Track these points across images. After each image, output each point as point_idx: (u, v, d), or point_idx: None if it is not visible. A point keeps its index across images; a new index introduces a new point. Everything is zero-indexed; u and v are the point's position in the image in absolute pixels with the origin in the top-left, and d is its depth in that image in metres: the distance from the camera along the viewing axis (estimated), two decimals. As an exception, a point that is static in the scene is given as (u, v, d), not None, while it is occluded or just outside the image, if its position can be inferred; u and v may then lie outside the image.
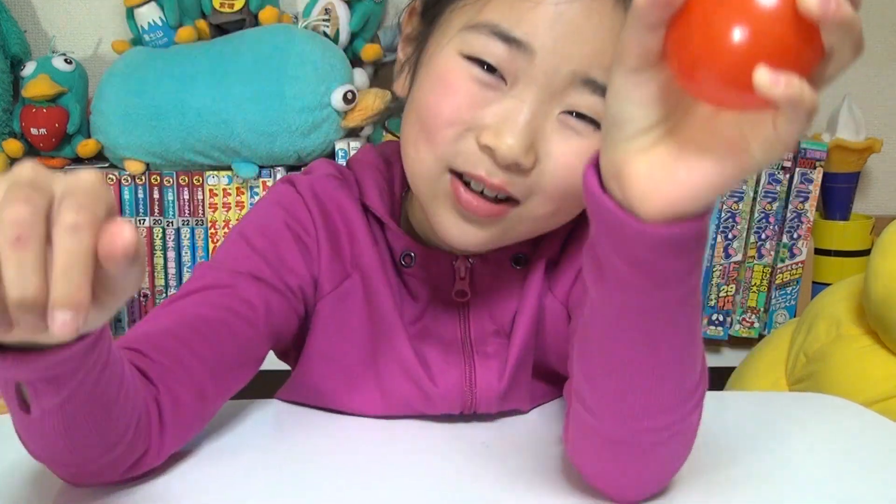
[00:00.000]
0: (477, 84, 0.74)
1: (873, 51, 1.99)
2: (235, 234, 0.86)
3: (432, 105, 0.76)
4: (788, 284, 1.74)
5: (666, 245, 0.56)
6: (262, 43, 1.68)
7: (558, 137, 0.73)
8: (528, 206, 0.76)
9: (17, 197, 0.48)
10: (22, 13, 1.85)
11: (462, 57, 0.74)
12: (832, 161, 1.78)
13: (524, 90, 0.73)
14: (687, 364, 0.64)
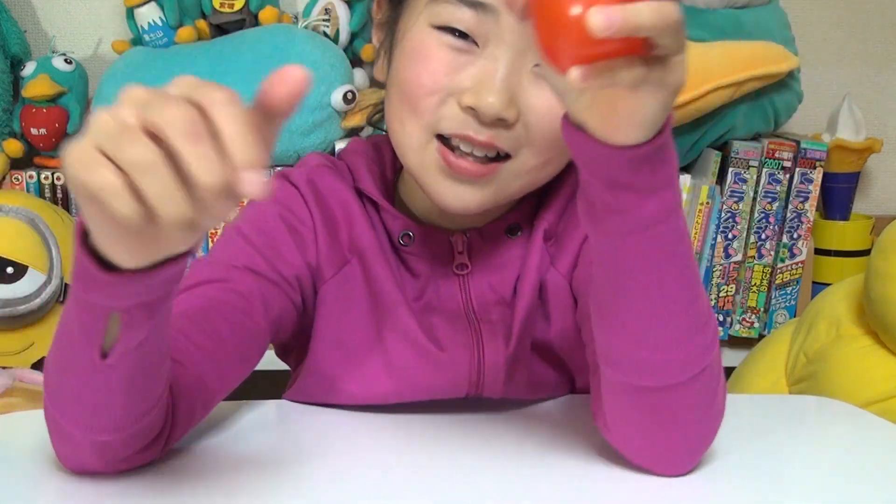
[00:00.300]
0: (451, 51, 0.77)
1: (873, 51, 1.99)
2: (231, 231, 0.87)
3: (412, 77, 0.78)
4: (788, 284, 1.74)
5: (638, 161, 0.61)
6: (262, 43, 1.68)
7: (535, 89, 0.76)
8: (519, 160, 0.78)
9: (168, 100, 0.53)
10: (22, 13, 1.85)
11: (433, 28, 0.78)
12: (832, 161, 1.78)
13: (496, 49, 0.76)
14: (693, 296, 0.67)
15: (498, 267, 0.87)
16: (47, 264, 1.46)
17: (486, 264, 0.87)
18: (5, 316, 1.42)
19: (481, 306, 0.86)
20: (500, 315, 0.86)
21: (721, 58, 1.58)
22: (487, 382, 0.86)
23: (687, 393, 0.69)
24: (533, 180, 0.81)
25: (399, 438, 0.83)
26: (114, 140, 0.56)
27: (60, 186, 1.69)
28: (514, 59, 0.76)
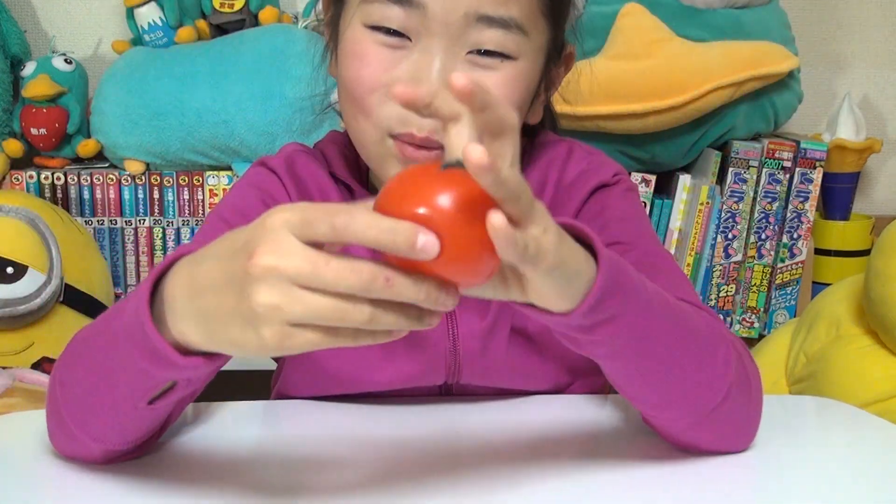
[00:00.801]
0: (385, 48, 0.79)
1: (873, 51, 1.99)
2: (213, 216, 0.89)
3: (353, 77, 0.81)
4: (788, 284, 1.74)
5: (575, 321, 0.64)
6: (262, 43, 1.68)
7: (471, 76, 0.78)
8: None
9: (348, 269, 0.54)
10: (22, 13, 1.85)
11: (366, 27, 0.80)
12: (832, 161, 1.78)
13: (428, 42, 0.78)
14: (684, 349, 0.71)
15: None
16: (47, 264, 1.46)
17: None
18: (5, 316, 1.42)
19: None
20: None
21: (721, 58, 1.58)
22: (464, 358, 0.86)
23: (722, 408, 0.73)
24: None
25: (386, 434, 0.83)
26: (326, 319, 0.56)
27: (60, 186, 1.69)
28: (446, 50, 0.78)
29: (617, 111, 1.56)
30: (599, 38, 1.59)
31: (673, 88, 1.55)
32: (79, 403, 0.71)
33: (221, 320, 0.57)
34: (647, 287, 0.69)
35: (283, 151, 0.93)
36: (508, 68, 0.80)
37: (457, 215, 0.53)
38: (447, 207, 0.53)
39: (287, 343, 0.55)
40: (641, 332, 0.68)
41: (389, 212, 0.54)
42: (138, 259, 1.72)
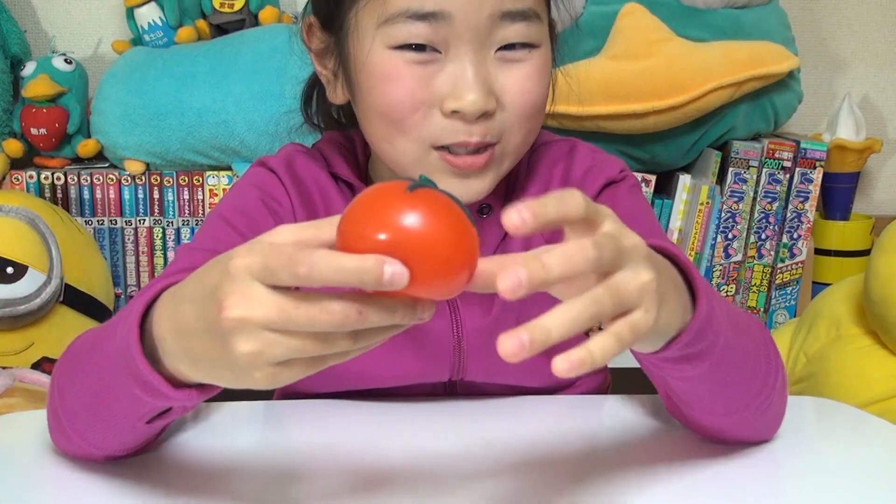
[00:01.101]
0: (417, 65, 0.79)
1: (873, 51, 1.99)
2: (214, 216, 0.89)
3: (389, 101, 0.80)
4: (788, 284, 1.74)
5: (663, 359, 0.66)
6: (262, 43, 1.68)
7: (504, 73, 0.80)
8: (506, 141, 0.82)
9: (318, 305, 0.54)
10: (22, 13, 1.85)
11: (392, 49, 0.79)
12: (832, 161, 1.78)
13: (458, 50, 0.79)
14: (754, 356, 0.74)
15: None
16: (47, 264, 1.46)
17: None
18: (5, 316, 1.42)
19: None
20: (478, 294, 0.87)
21: (721, 58, 1.58)
22: (468, 354, 0.86)
23: (770, 407, 0.76)
24: (519, 155, 0.85)
25: (391, 433, 0.83)
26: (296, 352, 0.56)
27: (60, 186, 1.69)
28: (476, 53, 0.79)
29: (617, 111, 1.56)
30: (599, 38, 1.59)
31: (673, 88, 1.55)
32: (77, 416, 0.72)
33: (211, 364, 0.58)
34: (727, 313, 0.70)
35: (283, 151, 0.93)
36: (536, 57, 0.81)
37: (423, 238, 0.52)
38: (413, 230, 0.52)
39: (279, 379, 0.56)
40: (721, 361, 0.69)
41: (353, 238, 0.53)
42: (138, 259, 1.72)
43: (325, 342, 0.55)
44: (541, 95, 0.82)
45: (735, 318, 0.72)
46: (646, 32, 1.57)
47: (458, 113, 0.78)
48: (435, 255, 0.52)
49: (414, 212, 0.52)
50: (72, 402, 0.72)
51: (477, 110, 0.78)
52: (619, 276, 0.56)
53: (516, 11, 0.79)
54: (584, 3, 1.62)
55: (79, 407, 0.71)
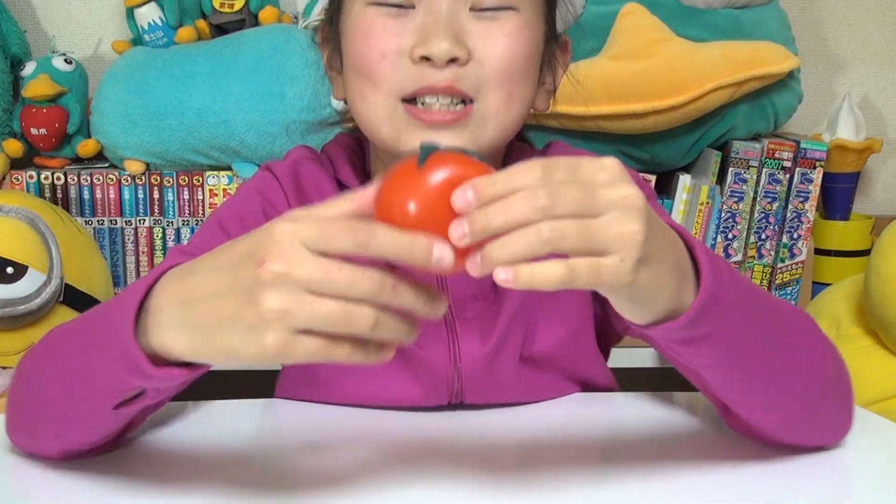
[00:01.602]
0: (389, 18, 0.80)
1: (873, 51, 1.99)
2: (213, 220, 0.88)
3: (361, 52, 0.81)
4: (788, 284, 1.74)
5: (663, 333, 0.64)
6: (262, 43, 1.68)
7: (478, 29, 0.80)
8: (483, 101, 0.80)
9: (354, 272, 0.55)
10: (22, 13, 1.85)
11: (368, 4, 0.81)
12: (832, 161, 1.78)
13: (430, 3, 0.79)
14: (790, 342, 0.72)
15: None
16: (47, 264, 1.46)
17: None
18: (5, 316, 1.42)
19: (457, 300, 0.86)
20: (477, 311, 0.86)
21: (721, 58, 1.58)
22: (466, 381, 0.86)
23: (824, 404, 0.75)
24: (504, 123, 0.82)
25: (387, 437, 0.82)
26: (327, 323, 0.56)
27: (60, 186, 1.69)
28: (449, 6, 0.79)
29: (617, 111, 1.56)
30: (599, 38, 1.59)
31: (673, 88, 1.55)
32: (43, 397, 0.71)
33: (217, 328, 0.57)
34: (747, 292, 0.68)
35: (290, 157, 0.92)
36: (512, 18, 0.81)
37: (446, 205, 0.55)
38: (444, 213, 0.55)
39: (287, 350, 0.55)
40: (741, 342, 0.68)
41: (389, 213, 0.55)
42: (138, 259, 1.72)
43: (352, 315, 0.55)
44: (520, 54, 0.81)
45: (772, 309, 0.71)
46: (646, 32, 1.57)
47: (426, 59, 0.78)
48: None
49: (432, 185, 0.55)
50: (41, 382, 0.71)
51: (446, 54, 0.77)
52: (598, 220, 0.56)
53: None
54: (584, 3, 1.62)
55: (48, 387, 0.70)
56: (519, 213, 0.54)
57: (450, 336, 0.86)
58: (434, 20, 0.78)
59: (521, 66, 0.81)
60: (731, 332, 0.66)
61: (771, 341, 0.70)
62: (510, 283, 0.55)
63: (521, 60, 0.81)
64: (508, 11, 0.80)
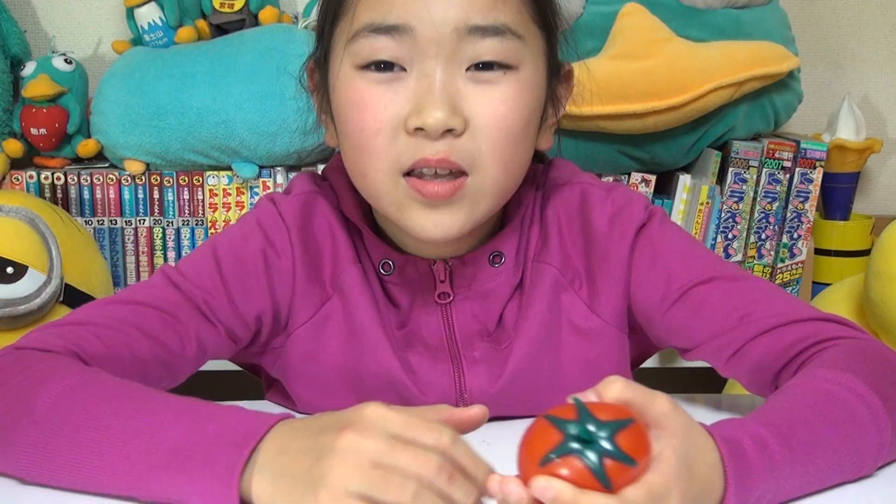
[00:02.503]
0: (381, 86, 0.76)
1: (873, 51, 1.99)
2: (208, 247, 0.85)
3: (355, 127, 0.77)
4: (788, 284, 1.74)
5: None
6: (262, 43, 1.68)
7: (475, 94, 0.76)
8: (479, 174, 0.77)
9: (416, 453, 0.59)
10: (22, 13, 1.85)
11: (357, 69, 0.77)
12: (832, 161, 1.78)
13: (423, 66, 0.75)
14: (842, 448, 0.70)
15: (482, 296, 0.86)
16: (47, 264, 1.46)
17: (469, 293, 0.86)
18: (5, 316, 1.42)
19: (464, 338, 0.85)
20: (483, 350, 0.85)
21: (721, 58, 1.58)
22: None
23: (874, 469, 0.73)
24: (500, 193, 0.80)
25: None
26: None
27: (60, 186, 1.69)
28: (444, 69, 0.75)
29: (617, 111, 1.56)
30: (599, 38, 1.59)
31: (673, 88, 1.55)
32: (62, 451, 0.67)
33: (291, 479, 0.60)
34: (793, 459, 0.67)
35: (296, 191, 0.89)
36: (511, 79, 0.77)
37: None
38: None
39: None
40: (794, 488, 0.68)
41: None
42: (138, 259, 1.72)
43: (396, 488, 0.57)
44: (516, 122, 0.77)
45: (821, 428, 0.69)
46: (646, 32, 1.57)
47: (421, 130, 0.74)
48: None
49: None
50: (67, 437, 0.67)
51: (438, 125, 0.74)
52: None
53: (486, 26, 0.75)
54: (584, 3, 1.62)
55: (68, 445, 0.67)
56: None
57: (457, 377, 0.85)
58: (428, 87, 0.75)
59: (519, 132, 0.78)
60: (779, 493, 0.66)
61: (824, 463, 0.69)
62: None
63: (518, 126, 0.78)
64: (507, 72, 0.77)
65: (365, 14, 0.76)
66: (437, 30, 0.74)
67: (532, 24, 0.79)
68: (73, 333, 0.77)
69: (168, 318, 0.80)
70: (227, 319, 0.83)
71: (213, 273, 0.83)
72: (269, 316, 0.85)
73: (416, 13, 0.74)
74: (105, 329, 0.77)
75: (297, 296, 0.85)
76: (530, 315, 0.85)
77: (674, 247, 0.86)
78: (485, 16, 0.75)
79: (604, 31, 1.59)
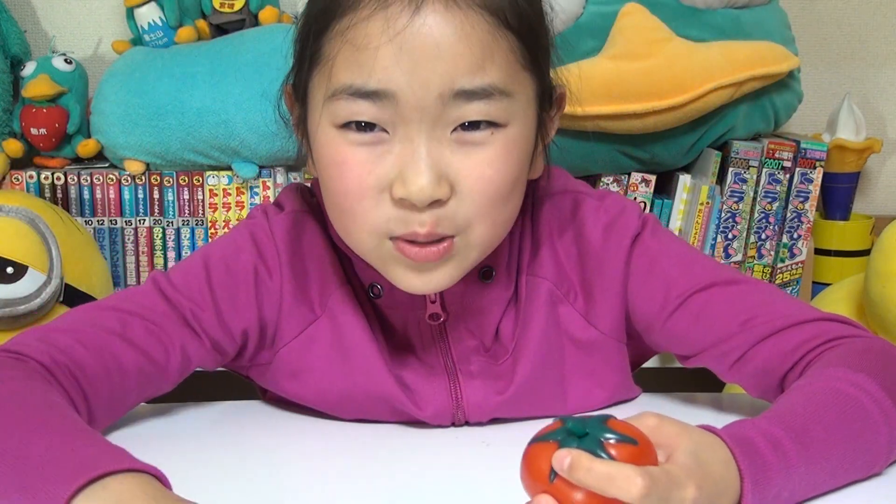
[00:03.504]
0: (363, 148, 0.74)
1: (873, 51, 1.99)
2: (199, 257, 0.85)
3: (337, 189, 0.76)
4: (788, 284, 1.74)
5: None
6: (262, 43, 1.68)
7: (461, 157, 0.73)
8: (467, 234, 0.76)
9: None
10: (22, 13, 1.85)
11: (336, 128, 0.74)
12: (832, 161, 1.78)
13: (407, 130, 0.72)
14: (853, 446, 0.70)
15: (475, 312, 0.85)
16: (47, 264, 1.46)
17: (462, 311, 0.85)
18: (5, 316, 1.42)
19: (460, 356, 0.85)
20: (480, 364, 0.85)
21: (721, 58, 1.58)
22: (471, 417, 0.86)
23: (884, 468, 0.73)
24: (489, 245, 0.79)
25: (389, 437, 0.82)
26: None
27: (60, 186, 1.69)
28: (428, 134, 0.72)
29: (617, 111, 1.56)
30: (599, 38, 1.59)
31: (673, 88, 1.55)
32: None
33: None
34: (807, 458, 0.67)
35: (289, 213, 0.87)
36: (500, 139, 0.74)
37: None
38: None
39: None
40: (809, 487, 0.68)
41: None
42: (138, 259, 1.72)
43: None
44: (505, 182, 0.75)
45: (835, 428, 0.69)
46: (646, 32, 1.57)
47: (406, 201, 0.72)
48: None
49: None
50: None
51: (425, 198, 0.72)
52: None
53: (473, 90, 0.72)
54: (584, 3, 1.61)
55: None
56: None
57: (454, 391, 0.85)
58: (412, 153, 0.72)
59: (508, 191, 0.76)
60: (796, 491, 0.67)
61: (837, 461, 0.69)
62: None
63: (506, 187, 0.76)
64: (495, 131, 0.74)
65: (344, 73, 0.73)
66: (420, 96, 0.71)
67: (523, 71, 0.76)
68: (60, 342, 0.77)
69: (154, 328, 0.80)
70: (213, 332, 0.83)
71: (203, 284, 0.83)
72: (256, 331, 0.84)
73: (397, 78, 0.71)
74: (90, 337, 0.78)
75: (283, 315, 0.85)
76: (530, 330, 0.84)
77: (670, 254, 0.85)
78: (471, 78, 0.72)
79: (604, 31, 1.59)
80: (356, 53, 0.72)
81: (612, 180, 1.68)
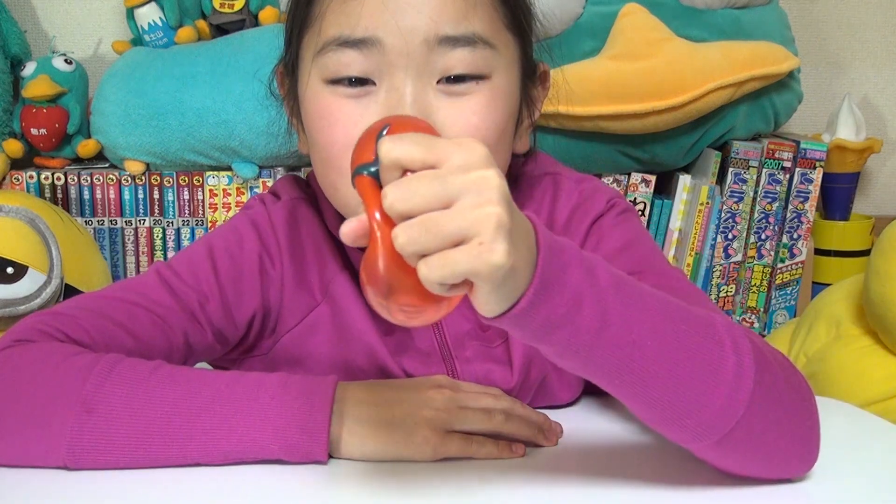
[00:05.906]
0: (351, 100, 0.75)
1: (873, 51, 1.99)
2: (203, 245, 0.85)
3: (325, 142, 0.77)
4: (788, 284, 1.74)
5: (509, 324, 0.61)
6: (262, 43, 1.68)
7: (446, 105, 0.75)
8: None
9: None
10: (22, 13, 1.85)
11: (326, 83, 0.76)
12: (832, 161, 1.78)
13: (393, 79, 0.74)
14: (680, 359, 0.64)
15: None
16: (47, 264, 1.46)
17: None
18: (5, 316, 1.42)
19: (455, 342, 0.85)
20: (474, 350, 0.85)
21: (721, 58, 1.58)
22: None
23: (750, 425, 0.66)
24: None
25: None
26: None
27: (60, 186, 1.70)
28: (414, 82, 0.74)
29: (617, 111, 1.56)
30: (599, 38, 1.59)
31: (673, 88, 1.55)
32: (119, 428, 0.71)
33: (383, 424, 0.72)
34: (618, 289, 0.63)
35: (286, 201, 0.88)
36: (484, 89, 0.76)
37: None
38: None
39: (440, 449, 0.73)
40: (611, 339, 0.62)
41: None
42: (138, 259, 1.72)
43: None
44: (490, 132, 0.76)
45: (666, 315, 0.64)
46: (646, 32, 1.58)
47: None
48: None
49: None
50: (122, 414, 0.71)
51: None
52: (452, 207, 0.56)
53: (457, 36, 0.74)
54: (584, 3, 1.62)
55: (131, 421, 0.71)
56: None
57: (449, 374, 0.85)
58: (398, 101, 0.73)
59: (493, 142, 0.76)
60: (589, 324, 0.61)
61: (656, 348, 0.63)
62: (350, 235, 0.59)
63: (492, 136, 0.76)
64: (481, 82, 0.75)
65: (332, 27, 0.75)
66: (405, 41, 0.73)
67: (505, 30, 0.78)
68: (65, 323, 0.77)
69: (157, 319, 0.80)
70: (218, 322, 0.83)
71: (210, 275, 0.83)
72: (260, 319, 0.85)
73: (383, 25, 0.73)
74: (92, 325, 0.78)
75: (285, 302, 0.85)
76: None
77: (618, 236, 0.85)
78: (455, 25, 0.74)
79: (604, 31, 1.59)
80: (343, 5, 0.75)
81: (612, 180, 1.68)
